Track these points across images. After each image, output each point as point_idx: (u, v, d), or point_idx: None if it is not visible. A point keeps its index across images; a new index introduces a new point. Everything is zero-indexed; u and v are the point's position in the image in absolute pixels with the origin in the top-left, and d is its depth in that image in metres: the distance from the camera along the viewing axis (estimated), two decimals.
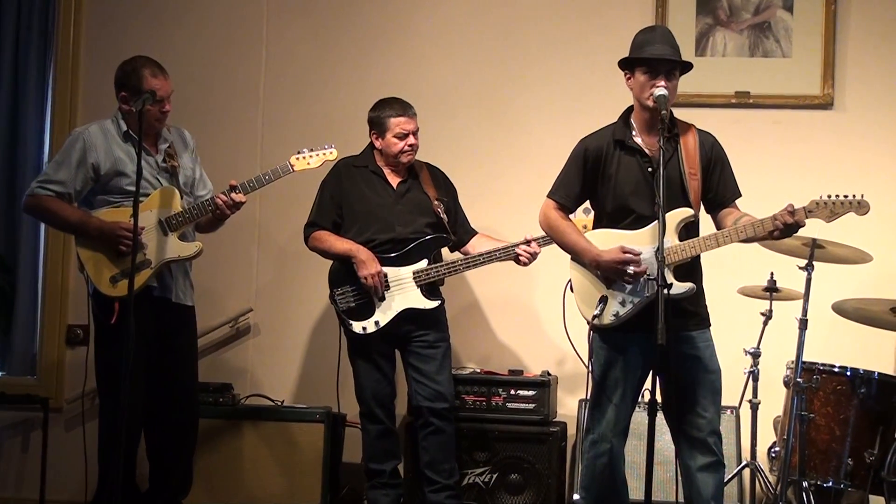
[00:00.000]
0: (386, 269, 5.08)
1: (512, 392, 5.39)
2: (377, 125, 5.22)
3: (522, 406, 5.37)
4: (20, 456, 5.94)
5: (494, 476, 5.32)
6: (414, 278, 5.10)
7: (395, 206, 5.19)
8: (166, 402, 4.88)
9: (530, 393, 5.37)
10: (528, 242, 5.07)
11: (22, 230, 6.15)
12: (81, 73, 6.08)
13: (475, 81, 5.90)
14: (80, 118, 6.03)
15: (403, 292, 5.10)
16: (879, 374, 4.95)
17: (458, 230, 5.31)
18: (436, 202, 5.22)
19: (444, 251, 5.30)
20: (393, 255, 5.11)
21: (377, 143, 5.25)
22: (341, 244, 5.16)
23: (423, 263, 5.12)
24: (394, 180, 5.25)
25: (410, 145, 5.19)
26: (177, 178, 4.91)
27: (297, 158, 5.00)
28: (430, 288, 5.13)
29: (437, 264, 5.14)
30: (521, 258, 5.09)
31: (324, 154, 5.03)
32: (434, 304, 5.13)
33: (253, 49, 6.06)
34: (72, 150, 4.78)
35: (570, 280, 4.43)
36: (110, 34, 6.09)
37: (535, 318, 5.77)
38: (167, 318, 4.85)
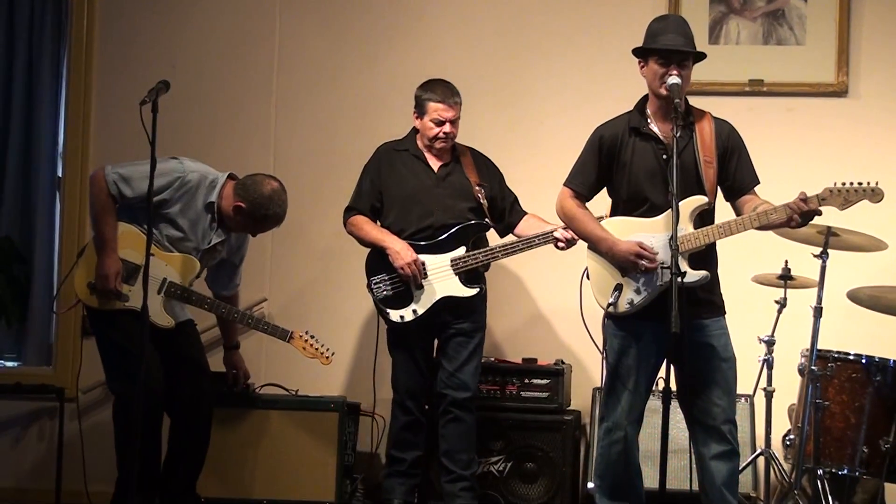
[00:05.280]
0: (424, 257, 5.05)
1: (526, 381, 5.39)
2: (418, 105, 5.18)
3: (536, 395, 5.37)
4: (36, 446, 5.97)
5: (509, 465, 5.33)
6: (452, 266, 5.06)
7: (434, 189, 5.14)
8: (177, 383, 4.97)
9: (544, 381, 5.37)
10: (565, 227, 5.00)
11: (37, 220, 6.17)
12: (95, 65, 6.08)
13: (488, 71, 5.88)
14: (94, 112, 6.04)
15: (442, 280, 5.06)
16: (895, 361, 4.95)
17: (506, 214, 5.25)
18: (477, 187, 5.16)
19: (493, 235, 5.25)
20: (431, 241, 5.07)
21: (416, 124, 5.20)
22: (375, 233, 5.13)
23: (462, 251, 5.07)
24: (435, 164, 5.20)
25: (445, 133, 5.12)
26: (209, 259, 5.02)
27: (302, 336, 5.08)
28: (469, 275, 5.08)
29: (476, 251, 5.08)
30: (559, 243, 5.02)
31: (322, 354, 5.10)
32: (473, 291, 5.07)
33: (266, 41, 6.05)
34: (164, 177, 4.79)
35: (586, 268, 4.44)
36: (123, 27, 6.10)
37: (548, 306, 5.78)
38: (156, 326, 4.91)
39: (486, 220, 5.16)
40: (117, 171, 4.85)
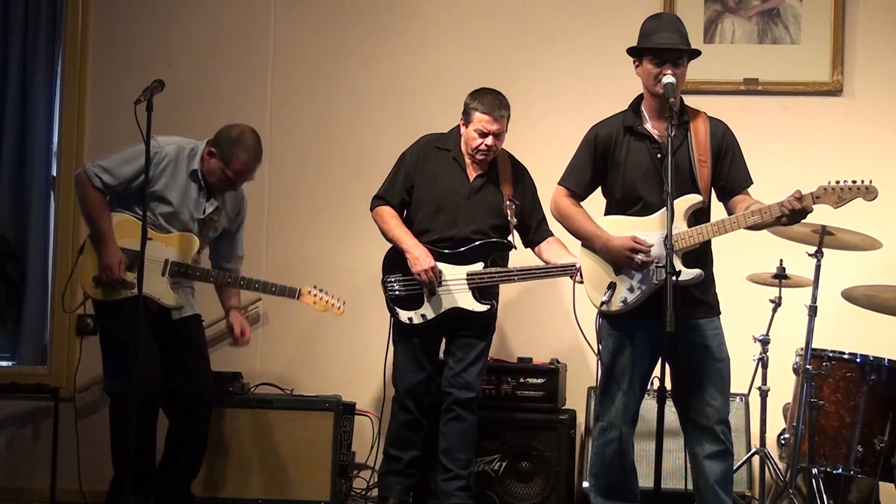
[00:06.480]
0: (441, 266, 5.01)
1: (521, 380, 5.38)
2: (465, 113, 5.09)
3: (531, 394, 5.37)
4: (31, 445, 5.96)
5: (504, 464, 5.32)
6: (467, 280, 5.02)
7: (465, 200, 5.09)
8: (179, 381, 4.99)
9: (539, 381, 5.37)
10: None
11: (31, 218, 6.16)
12: (90, 64, 6.07)
13: (483, 71, 5.85)
14: (88, 110, 6.04)
15: (455, 292, 5.02)
16: (889, 360, 4.95)
17: (530, 231, 5.20)
18: (508, 202, 5.08)
19: (519, 247, 5.21)
20: (452, 251, 5.04)
21: (462, 130, 5.13)
22: (398, 232, 5.07)
23: (479, 266, 5.03)
24: (472, 173, 5.12)
25: (487, 146, 5.03)
26: (208, 230, 5.03)
27: (310, 292, 5.06)
28: (482, 291, 5.04)
29: (493, 270, 5.04)
30: (579, 275, 4.83)
31: (333, 305, 5.07)
32: (484, 308, 5.03)
33: (261, 40, 6.04)
34: (141, 158, 4.74)
35: (580, 266, 4.44)
36: (118, 25, 6.09)
37: (543, 305, 5.77)
38: (162, 320, 4.96)
39: (510, 239, 5.09)
40: (98, 164, 4.90)
